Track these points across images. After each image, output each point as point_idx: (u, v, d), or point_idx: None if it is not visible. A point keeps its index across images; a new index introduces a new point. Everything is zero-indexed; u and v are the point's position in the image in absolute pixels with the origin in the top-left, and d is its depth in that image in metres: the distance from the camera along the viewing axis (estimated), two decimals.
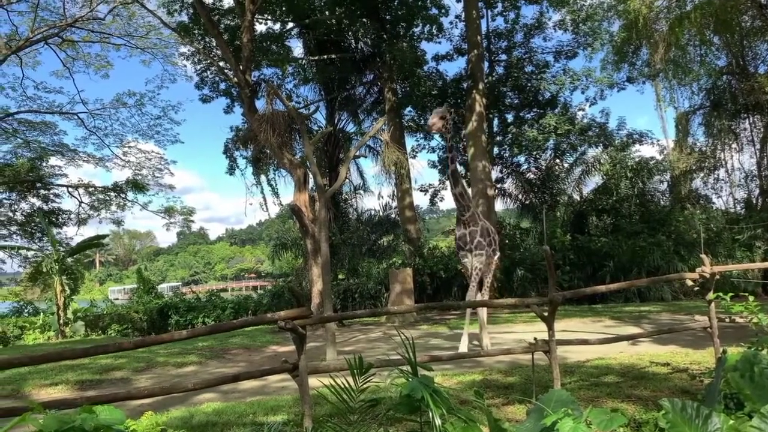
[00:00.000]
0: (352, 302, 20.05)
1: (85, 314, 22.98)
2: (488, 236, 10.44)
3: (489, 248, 10.40)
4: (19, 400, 8.46)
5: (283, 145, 15.28)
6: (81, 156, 28.96)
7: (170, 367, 10.87)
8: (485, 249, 10.23)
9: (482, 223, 10.35)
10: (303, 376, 5.55)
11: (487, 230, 10.41)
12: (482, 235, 10.23)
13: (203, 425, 6.03)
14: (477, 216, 10.40)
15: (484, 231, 10.29)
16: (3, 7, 21.82)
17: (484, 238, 10.22)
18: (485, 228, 10.37)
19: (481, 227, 10.25)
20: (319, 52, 21.34)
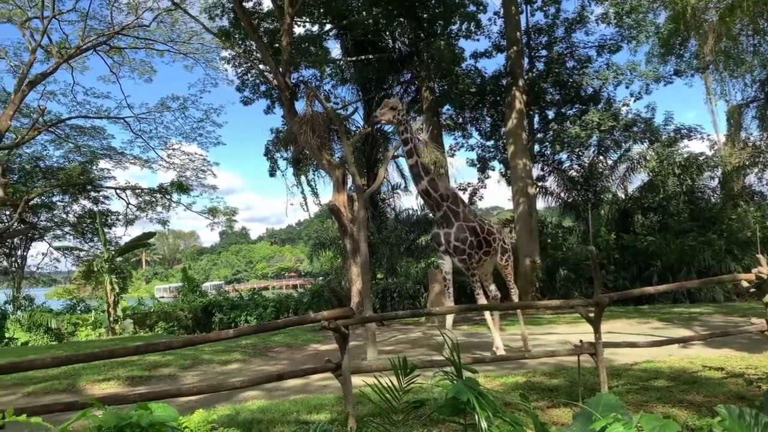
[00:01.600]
0: (391, 302, 20.08)
1: (134, 312, 23.76)
2: (477, 236, 9.64)
3: (474, 250, 9.57)
4: (74, 394, 8.78)
5: (322, 146, 15.42)
6: (128, 159, 29.93)
7: (215, 364, 11.10)
8: (464, 253, 9.46)
9: (461, 223, 9.52)
10: (346, 376, 5.59)
11: (474, 230, 9.62)
12: (459, 239, 9.45)
13: (249, 422, 6.13)
14: (455, 215, 9.56)
15: (466, 231, 9.50)
16: (55, 17, 22.67)
17: (463, 242, 9.45)
18: (469, 228, 9.54)
19: (458, 227, 9.49)
20: (356, 52, 21.44)
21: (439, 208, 9.60)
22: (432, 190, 9.49)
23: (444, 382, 4.22)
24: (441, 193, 9.55)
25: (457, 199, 9.80)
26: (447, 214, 9.57)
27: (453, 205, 9.61)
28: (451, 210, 9.58)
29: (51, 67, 23.27)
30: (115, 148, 29.67)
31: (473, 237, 9.61)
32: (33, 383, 9.34)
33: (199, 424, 3.11)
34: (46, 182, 29.43)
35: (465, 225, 9.56)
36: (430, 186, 9.47)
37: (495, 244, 10.07)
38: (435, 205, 9.60)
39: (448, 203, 9.59)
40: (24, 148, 27.47)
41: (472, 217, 9.90)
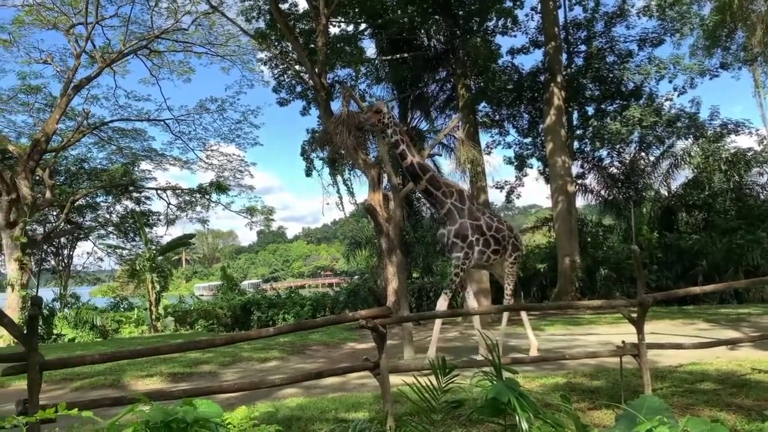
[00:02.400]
0: (427, 301, 20.01)
1: (175, 310, 24.30)
2: (483, 235, 9.30)
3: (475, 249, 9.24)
4: (119, 390, 9.03)
5: (358, 145, 15.45)
6: (168, 160, 30.66)
7: (254, 362, 11.27)
8: (461, 251, 9.16)
9: (464, 221, 9.21)
10: (384, 375, 5.60)
11: (479, 228, 9.27)
12: (459, 236, 9.16)
13: (288, 420, 6.19)
14: (459, 212, 9.23)
15: (469, 230, 9.15)
16: (98, 23, 23.37)
17: (463, 239, 9.15)
18: (473, 226, 9.21)
19: (460, 225, 9.18)
20: (391, 51, 21.42)
21: (442, 207, 9.36)
22: (433, 189, 9.28)
23: (483, 382, 4.20)
24: (444, 191, 9.32)
25: (462, 196, 9.53)
26: (451, 212, 9.30)
27: (458, 202, 9.33)
28: (456, 207, 9.28)
29: (94, 71, 24.00)
30: (155, 150, 30.48)
31: (477, 236, 9.29)
32: (80, 378, 9.62)
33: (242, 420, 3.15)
34: (91, 183, 30.42)
35: (469, 223, 9.25)
36: (430, 185, 9.26)
37: (505, 242, 9.68)
38: (438, 203, 9.39)
39: (452, 200, 9.31)
40: (70, 151, 28.43)
41: (480, 215, 9.53)
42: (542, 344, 11.67)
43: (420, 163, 9.31)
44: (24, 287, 20.98)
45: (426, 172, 9.30)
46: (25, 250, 21.22)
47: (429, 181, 9.26)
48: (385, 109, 9.08)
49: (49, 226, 28.36)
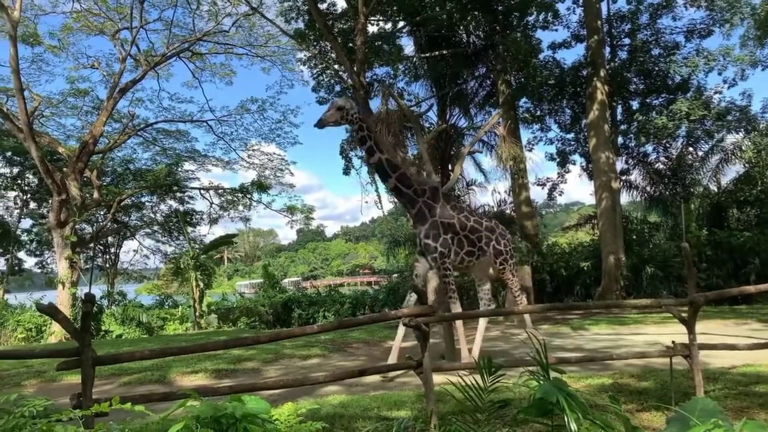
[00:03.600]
0: (467, 300, 19.83)
1: (218, 307, 24.77)
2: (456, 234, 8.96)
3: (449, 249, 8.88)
4: (166, 385, 9.25)
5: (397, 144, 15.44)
6: (210, 160, 31.28)
7: (296, 359, 11.38)
8: (436, 251, 8.81)
9: (435, 219, 8.86)
10: (428, 374, 5.58)
11: (451, 227, 8.93)
12: (430, 236, 8.82)
13: (331, 417, 6.21)
14: (431, 211, 8.88)
15: (440, 228, 8.81)
16: (143, 27, 24.00)
17: (434, 239, 8.79)
18: (445, 224, 8.88)
19: (430, 224, 8.84)
20: (430, 48, 21.31)
21: (413, 205, 8.99)
22: (403, 187, 8.87)
23: (530, 382, 4.15)
24: (415, 189, 8.95)
25: (436, 193, 9.13)
26: (422, 211, 8.94)
27: (430, 200, 8.99)
28: (427, 206, 8.94)
29: (139, 74, 24.64)
30: (198, 151, 31.15)
31: (451, 234, 8.94)
32: (128, 374, 9.89)
33: (288, 417, 3.16)
34: (136, 184, 31.31)
35: (440, 221, 8.89)
36: (399, 183, 8.85)
37: (481, 243, 9.26)
38: (408, 201, 9.01)
39: (424, 199, 8.96)
40: (116, 152, 29.32)
41: (455, 213, 9.15)
42: (587, 344, 11.45)
43: (389, 159, 8.91)
44: (74, 285, 21.73)
45: (395, 170, 8.89)
46: (75, 248, 21.95)
47: (399, 179, 8.86)
48: (347, 105, 8.67)
49: (96, 225, 29.29)
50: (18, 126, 20.83)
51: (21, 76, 20.12)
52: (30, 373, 10.45)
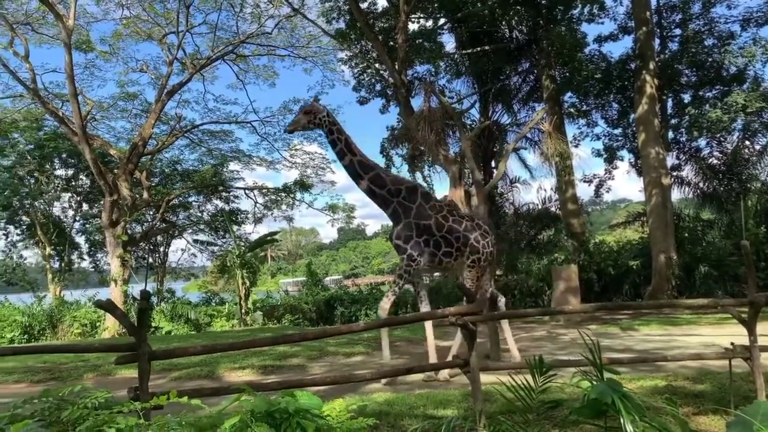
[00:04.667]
0: (512, 299, 19.58)
1: (263, 305, 25.18)
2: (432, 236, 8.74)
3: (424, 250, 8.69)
4: (214, 380, 9.45)
5: (439, 141, 15.35)
6: (254, 160, 31.85)
7: (340, 356, 11.45)
8: (405, 252, 8.66)
9: (409, 220, 8.75)
10: (475, 373, 5.52)
11: (427, 228, 8.73)
12: (401, 237, 8.71)
13: (377, 414, 6.20)
14: (405, 211, 8.77)
15: (413, 230, 8.67)
16: (188, 31, 24.58)
17: (405, 240, 8.67)
18: (420, 226, 8.72)
19: (403, 225, 8.72)
20: (471, 45, 21.08)
21: (387, 206, 8.91)
22: (376, 188, 8.82)
23: (582, 382, 4.08)
24: (389, 189, 8.84)
25: (413, 193, 8.98)
26: (396, 212, 8.87)
27: (406, 200, 8.87)
28: (402, 206, 8.85)
29: (185, 77, 25.27)
30: (242, 151, 31.74)
31: (426, 236, 8.77)
32: (178, 369, 10.12)
33: (339, 413, 3.17)
34: (183, 184, 32.14)
35: (414, 222, 8.75)
36: (372, 183, 8.82)
37: (459, 244, 9.02)
38: (382, 202, 8.93)
39: (398, 199, 8.86)
40: (164, 153, 30.17)
41: (432, 213, 8.94)
42: (637, 345, 11.14)
43: (361, 161, 8.86)
44: (125, 282, 22.47)
45: (368, 171, 8.86)
46: (126, 247, 22.68)
47: (371, 180, 8.83)
48: (315, 109, 8.71)
49: (146, 225, 30.19)
50: (72, 129, 21.67)
51: (75, 82, 20.94)
52: (87, 366, 10.85)
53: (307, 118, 8.65)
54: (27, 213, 30.78)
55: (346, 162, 8.80)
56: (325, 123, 8.69)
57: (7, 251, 31.50)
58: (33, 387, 9.74)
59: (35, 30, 23.69)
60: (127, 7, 24.53)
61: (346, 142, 8.79)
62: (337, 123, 8.87)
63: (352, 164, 8.80)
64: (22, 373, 10.62)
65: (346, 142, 8.79)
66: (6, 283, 31.06)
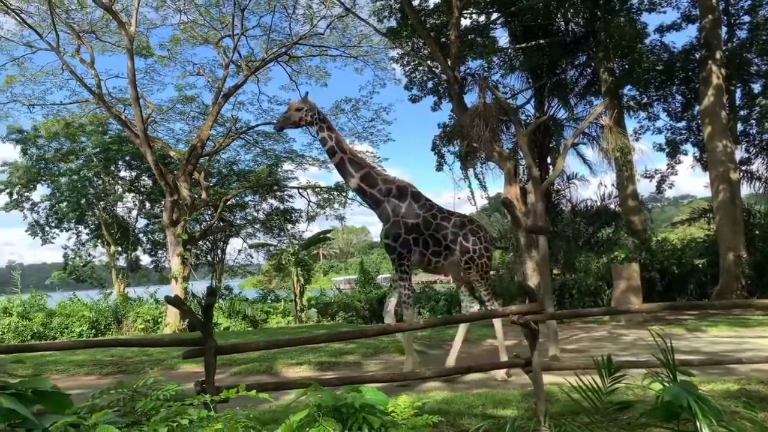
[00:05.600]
0: (569, 299, 19.08)
1: (317, 302, 25.52)
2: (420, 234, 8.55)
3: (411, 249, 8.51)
4: (273, 376, 9.61)
5: (494, 138, 15.13)
6: (307, 160, 32.25)
7: (395, 353, 11.43)
8: (395, 251, 8.52)
9: (397, 219, 8.58)
10: (537, 372, 5.44)
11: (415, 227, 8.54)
12: (390, 236, 8.53)
13: (435, 412, 6.12)
14: (394, 211, 8.62)
15: (401, 228, 8.51)
16: (243, 34, 25.14)
17: (394, 239, 8.48)
18: (408, 225, 8.54)
19: (392, 224, 8.55)
20: (525, 39, 20.69)
21: (377, 206, 8.73)
22: (367, 187, 8.68)
23: (654, 384, 3.96)
24: (380, 188, 8.70)
25: (403, 192, 8.79)
26: (385, 211, 8.69)
27: (396, 200, 8.70)
28: (392, 205, 8.69)
29: (240, 80, 25.82)
30: (296, 151, 32.20)
31: (414, 235, 8.57)
32: (237, 365, 10.33)
33: (405, 409, 3.15)
34: (240, 184, 32.93)
35: (403, 221, 8.56)
36: (363, 182, 8.67)
37: (447, 242, 8.76)
38: (373, 202, 8.76)
39: (388, 199, 8.68)
40: (221, 154, 30.95)
41: (421, 212, 8.72)
42: (705, 346, 10.67)
43: (352, 159, 8.76)
44: (185, 280, 23.20)
45: (359, 169, 8.72)
46: (186, 246, 23.42)
47: (362, 179, 8.68)
48: (306, 106, 8.58)
49: (204, 224, 31.09)
50: (135, 132, 22.54)
51: (137, 86, 21.80)
52: (151, 360, 11.24)
53: (297, 115, 8.62)
54: (94, 213, 32.27)
55: (337, 160, 8.74)
56: (315, 120, 8.66)
57: (76, 249, 33.12)
58: (102, 379, 10.18)
59: (99, 38, 24.77)
60: (185, 12, 25.31)
61: (336, 139, 8.76)
62: (327, 120, 8.88)
63: (343, 162, 8.71)
64: (92, 365, 11.10)
65: (336, 140, 8.75)
66: (76, 280, 32.68)
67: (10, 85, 24.95)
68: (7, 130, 29.04)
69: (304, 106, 8.62)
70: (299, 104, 8.69)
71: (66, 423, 2.26)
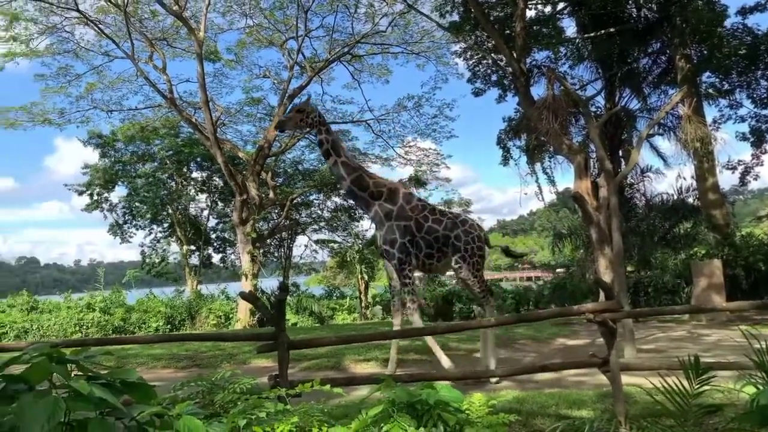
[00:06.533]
0: (645, 297, 18.28)
1: (381, 299, 25.65)
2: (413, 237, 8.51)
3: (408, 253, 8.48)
4: (340, 371, 9.70)
5: (563, 130, 14.67)
6: (370, 158, 32.41)
7: (462, 352, 11.33)
8: (394, 257, 8.47)
9: (392, 223, 8.56)
10: (615, 372, 5.27)
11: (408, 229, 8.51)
12: (387, 241, 8.57)
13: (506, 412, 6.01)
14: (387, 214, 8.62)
15: (396, 232, 8.51)
16: (307, 36, 25.57)
17: (391, 244, 8.51)
18: (401, 228, 8.53)
19: (387, 229, 8.57)
20: (594, 27, 19.89)
21: (369, 209, 8.80)
22: (358, 190, 8.76)
23: (748, 387, 3.73)
24: (371, 192, 8.75)
25: (394, 194, 8.82)
26: (378, 215, 8.74)
27: (387, 203, 8.72)
28: (383, 209, 8.71)
29: (305, 80, 26.30)
30: (358, 149, 32.39)
31: (408, 237, 8.54)
32: (306, 360, 10.50)
33: (479, 407, 3.07)
34: (305, 183, 33.55)
35: (396, 225, 8.53)
36: (354, 185, 8.75)
37: (439, 244, 8.66)
38: (364, 205, 8.88)
39: (379, 202, 8.69)
40: (287, 154, 31.65)
41: (412, 215, 8.70)
42: None
43: (345, 162, 8.87)
44: (254, 277, 23.86)
45: (351, 173, 8.81)
46: (255, 244, 24.09)
47: (354, 183, 8.76)
48: (308, 109, 8.79)
49: (272, 222, 31.88)
50: (205, 135, 23.38)
51: (206, 90, 22.60)
52: (224, 355, 11.59)
53: (298, 117, 8.85)
54: (168, 213, 33.75)
55: (331, 162, 8.91)
56: (315, 123, 8.87)
57: (152, 247, 34.78)
58: (178, 372, 10.59)
59: (171, 44, 25.86)
60: (250, 16, 26.03)
61: (333, 143, 8.96)
62: (326, 124, 9.12)
63: (337, 165, 8.86)
64: (168, 359, 11.56)
65: (333, 143, 8.95)
66: (153, 277, 34.33)
67: (90, 92, 26.45)
68: (88, 135, 30.88)
69: (306, 109, 8.91)
70: (301, 107, 9.01)
71: (151, 413, 2.34)
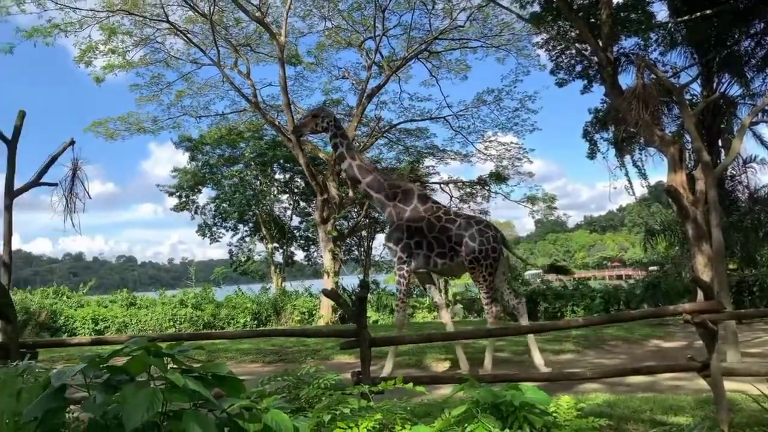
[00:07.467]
0: (750, 297, 16.97)
1: (462, 297, 25.38)
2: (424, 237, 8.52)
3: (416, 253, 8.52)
4: (422, 370, 9.69)
5: (654, 121, 13.88)
6: (449, 154, 32.19)
7: (547, 353, 10.96)
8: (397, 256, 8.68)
9: (401, 223, 8.72)
10: (717, 377, 4.94)
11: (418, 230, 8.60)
12: (392, 239, 8.80)
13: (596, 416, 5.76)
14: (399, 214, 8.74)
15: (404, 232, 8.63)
16: (384, 35, 25.72)
17: (396, 242, 8.66)
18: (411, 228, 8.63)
19: (395, 227, 8.77)
20: (688, 10, 18.66)
21: (384, 209, 8.95)
22: (373, 192, 9.00)
23: None
24: (386, 194, 8.93)
25: (409, 195, 8.99)
26: (391, 215, 8.96)
27: (401, 203, 8.89)
28: (397, 209, 8.88)
29: (383, 80, 26.42)
30: (437, 146, 32.20)
31: (417, 238, 8.55)
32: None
33: (567, 410, 2.94)
34: None
35: (406, 225, 8.59)
36: (369, 188, 9.03)
37: (452, 243, 8.54)
38: (379, 206, 9.03)
39: (394, 203, 8.79)
40: (365, 153, 31.83)
41: (426, 215, 8.79)
42: None
43: (360, 165, 9.16)
44: (336, 274, 24.30)
45: (366, 175, 9.09)
46: (336, 242, 24.55)
47: (369, 185, 9.04)
48: (323, 113, 9.21)
49: (352, 221, 32.35)
50: (288, 137, 24.08)
51: (288, 93, 23.26)
52: (307, 351, 11.88)
53: (314, 121, 9.18)
54: (253, 213, 35.08)
55: (345, 166, 9.20)
56: (330, 127, 9.15)
57: (238, 246, 36.31)
58: (265, 367, 10.97)
59: (254, 50, 26.82)
60: (329, 18, 26.50)
61: (347, 146, 9.26)
62: (342, 128, 9.44)
63: (352, 168, 9.13)
64: (256, 354, 12.01)
65: (347, 147, 9.25)
66: (240, 274, 35.86)
67: (180, 99, 27.96)
68: (179, 139, 32.67)
69: (320, 113, 9.34)
70: (317, 112, 9.46)
71: (241, 405, 2.42)
